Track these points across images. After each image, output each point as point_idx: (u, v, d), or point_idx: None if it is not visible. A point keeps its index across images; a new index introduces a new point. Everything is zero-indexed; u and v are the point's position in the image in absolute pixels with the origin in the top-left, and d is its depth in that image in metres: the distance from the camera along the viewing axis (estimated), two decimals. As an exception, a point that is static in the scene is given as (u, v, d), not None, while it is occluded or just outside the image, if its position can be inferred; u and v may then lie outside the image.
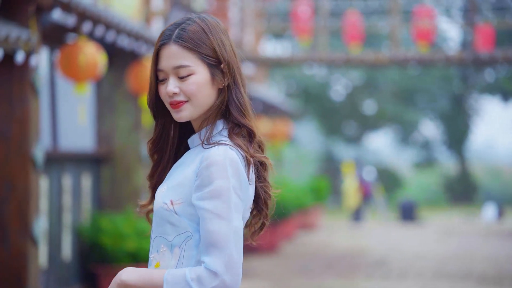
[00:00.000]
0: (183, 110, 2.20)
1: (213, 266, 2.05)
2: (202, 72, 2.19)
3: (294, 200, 14.42)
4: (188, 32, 2.19)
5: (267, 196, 2.31)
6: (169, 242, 2.16)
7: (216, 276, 2.05)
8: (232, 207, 2.11)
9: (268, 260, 12.27)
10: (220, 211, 2.09)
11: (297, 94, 29.22)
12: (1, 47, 5.83)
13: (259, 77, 17.81)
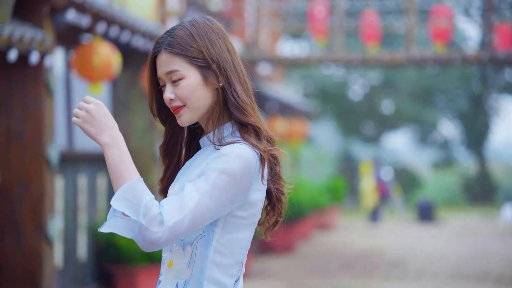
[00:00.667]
0: (182, 114, 2.22)
1: (167, 217, 2.05)
2: (192, 75, 2.21)
3: (310, 200, 14.40)
4: (176, 38, 2.22)
5: (280, 192, 2.30)
6: (181, 240, 2.18)
7: (161, 226, 2.04)
8: (216, 193, 2.11)
9: (284, 260, 12.26)
10: (204, 188, 2.10)
11: (315, 94, 29.18)
12: (16, 48, 5.86)
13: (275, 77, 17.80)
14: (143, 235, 2.03)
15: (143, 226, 2.03)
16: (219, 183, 2.11)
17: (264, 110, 15.86)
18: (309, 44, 27.08)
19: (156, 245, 2.05)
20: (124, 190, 2.07)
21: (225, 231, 2.19)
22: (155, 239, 2.03)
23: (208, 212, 2.11)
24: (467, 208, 25.88)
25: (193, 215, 2.07)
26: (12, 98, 6.30)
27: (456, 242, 15.30)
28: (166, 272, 2.22)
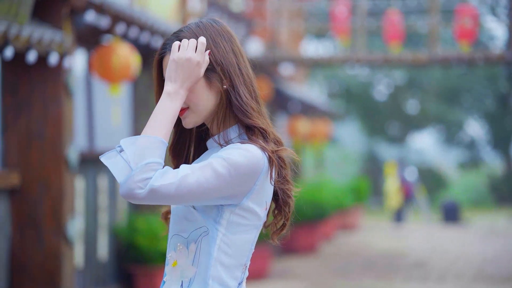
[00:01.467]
0: (186, 117, 2.22)
1: (155, 178, 2.03)
2: None
3: (333, 200, 14.36)
4: (181, 38, 2.22)
5: (286, 195, 2.28)
6: (185, 239, 2.18)
7: (147, 183, 2.02)
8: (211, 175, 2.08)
9: (307, 261, 12.23)
10: (199, 166, 2.08)
11: (339, 94, 29.10)
12: (35, 49, 5.89)
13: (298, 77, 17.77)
14: (128, 184, 2.02)
15: (133, 177, 2.02)
16: (218, 168, 2.08)
17: (287, 110, 15.83)
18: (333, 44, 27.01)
19: (134, 199, 2.03)
20: (147, 139, 2.06)
21: (229, 231, 2.17)
22: (135, 194, 2.02)
23: (197, 189, 2.06)
24: (494, 209, 25.66)
25: (180, 184, 2.04)
26: (32, 99, 6.34)
27: (481, 243, 15.17)
28: (171, 273, 2.21)
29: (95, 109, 8.29)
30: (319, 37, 27.61)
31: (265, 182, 2.18)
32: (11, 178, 6.23)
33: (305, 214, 12.69)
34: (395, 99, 29.04)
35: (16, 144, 6.37)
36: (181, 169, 2.06)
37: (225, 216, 2.17)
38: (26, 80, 6.34)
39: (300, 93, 15.96)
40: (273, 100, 14.50)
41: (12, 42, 5.60)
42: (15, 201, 6.30)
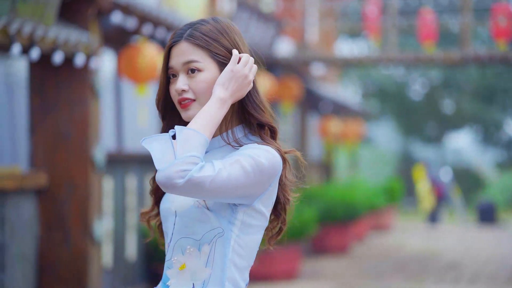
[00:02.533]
0: (190, 109, 2.18)
1: (207, 170, 2.03)
2: (211, 70, 2.18)
3: (365, 200, 14.27)
4: (200, 31, 2.19)
5: (286, 200, 2.28)
6: (197, 241, 2.14)
7: (186, 173, 2.02)
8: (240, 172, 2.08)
9: (338, 261, 12.17)
10: (229, 162, 2.08)
11: (374, 94, 28.94)
12: (61, 50, 5.93)
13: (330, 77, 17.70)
14: (169, 171, 2.01)
15: (175, 165, 2.01)
16: (246, 166, 2.08)
17: (318, 110, 15.77)
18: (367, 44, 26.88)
19: (171, 187, 2.02)
20: (195, 134, 2.05)
21: (242, 232, 2.16)
22: (174, 182, 2.01)
23: (227, 184, 2.06)
24: (530, 210, 25.33)
25: (215, 178, 2.04)
26: (59, 99, 6.38)
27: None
28: (176, 276, 2.17)
29: (123, 109, 8.33)
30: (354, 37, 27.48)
31: (276, 184, 2.18)
32: (38, 179, 6.28)
33: (336, 215, 12.63)
34: (431, 98, 28.79)
35: (43, 145, 6.41)
36: (215, 164, 2.05)
37: (238, 217, 2.16)
38: (53, 81, 6.38)
39: (332, 93, 15.90)
40: (304, 100, 14.46)
41: (38, 44, 5.64)
42: (43, 201, 6.35)
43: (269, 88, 10.05)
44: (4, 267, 5.90)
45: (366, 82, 29.03)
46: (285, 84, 11.24)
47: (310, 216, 10.31)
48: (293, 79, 11.51)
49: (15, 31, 5.38)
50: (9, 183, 5.89)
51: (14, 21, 5.43)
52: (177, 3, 8.87)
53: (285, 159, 2.19)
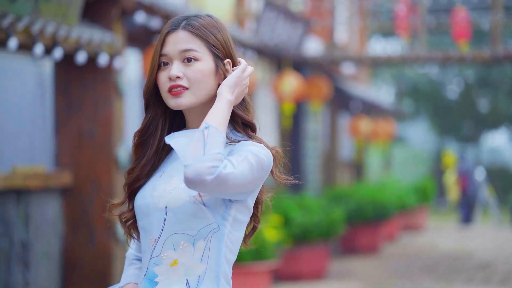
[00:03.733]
0: (182, 97, 2.18)
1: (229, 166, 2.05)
2: (207, 60, 2.20)
3: (396, 200, 14.17)
4: (198, 22, 2.22)
5: (261, 200, 2.30)
6: (191, 237, 2.14)
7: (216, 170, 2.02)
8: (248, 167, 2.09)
9: (368, 261, 12.11)
10: (239, 159, 2.09)
11: (408, 93, 28.74)
12: (85, 50, 5.97)
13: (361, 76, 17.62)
14: (198, 167, 2.01)
15: (204, 162, 2.01)
16: (253, 163, 2.10)
17: (349, 109, 15.71)
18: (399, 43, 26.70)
19: (201, 183, 2.02)
20: (218, 132, 2.06)
21: (233, 228, 2.18)
22: (204, 179, 2.00)
23: (241, 181, 2.08)
24: None
25: (236, 175, 2.06)
26: (84, 99, 6.42)
27: (549, 245, 14.79)
28: (166, 273, 2.16)
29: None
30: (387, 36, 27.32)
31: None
32: (63, 178, 6.33)
33: (366, 214, 12.56)
34: (466, 97, 28.51)
35: (68, 144, 6.46)
36: (232, 161, 2.07)
37: (231, 213, 2.17)
38: (77, 80, 6.43)
39: (362, 93, 15.83)
40: (334, 99, 14.41)
41: (61, 44, 5.69)
42: (67, 200, 6.40)
43: (297, 87, 10.04)
44: (29, 266, 5.96)
45: (400, 81, 28.85)
46: (314, 84, 11.21)
47: (338, 216, 10.27)
48: (322, 78, 11.47)
49: (38, 31, 5.43)
50: (34, 182, 5.95)
51: (37, 21, 5.47)
52: (204, 2, 8.89)
53: (275, 156, 2.21)
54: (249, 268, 7.90)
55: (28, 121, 6.70)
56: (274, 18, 9.55)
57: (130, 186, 2.27)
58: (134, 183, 2.26)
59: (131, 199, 2.28)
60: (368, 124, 15.62)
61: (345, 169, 16.02)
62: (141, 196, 2.23)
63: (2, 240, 5.68)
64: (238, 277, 7.94)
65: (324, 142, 14.09)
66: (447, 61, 11.10)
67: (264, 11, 9.41)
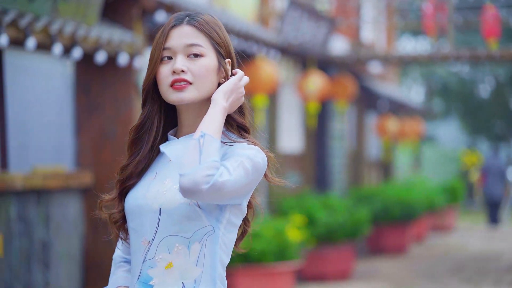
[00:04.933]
0: (185, 91, 2.15)
1: (225, 174, 2.03)
2: (212, 57, 2.18)
3: (424, 200, 14.04)
4: (202, 18, 2.21)
5: (251, 205, 2.27)
6: (186, 239, 2.11)
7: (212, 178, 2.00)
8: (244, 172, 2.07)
9: (394, 262, 12.01)
10: (235, 165, 2.06)
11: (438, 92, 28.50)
12: (104, 50, 5.96)
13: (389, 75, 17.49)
14: (195, 176, 1.98)
15: (200, 170, 1.99)
16: (248, 167, 2.07)
17: (376, 109, 15.60)
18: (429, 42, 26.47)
19: (197, 193, 1.99)
20: (213, 139, 2.03)
21: (227, 230, 2.15)
22: (200, 188, 1.98)
23: (236, 186, 2.06)
24: None
25: (233, 181, 2.04)
26: (104, 99, 6.42)
27: None
28: (162, 276, 2.13)
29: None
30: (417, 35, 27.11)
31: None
32: (83, 178, 6.32)
33: (393, 214, 12.45)
34: (498, 96, 28.18)
35: (89, 144, 6.46)
36: (228, 167, 2.04)
37: (225, 215, 2.14)
38: (98, 80, 6.43)
39: (390, 92, 15.71)
40: (361, 98, 14.31)
41: (80, 43, 5.68)
42: (88, 200, 6.39)
43: (322, 87, 9.97)
44: (49, 266, 5.96)
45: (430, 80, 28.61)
46: (339, 83, 11.13)
47: (364, 216, 10.19)
48: (348, 77, 11.39)
49: (56, 31, 5.43)
50: (54, 182, 5.95)
51: (55, 21, 5.47)
52: (228, 2, 8.85)
53: (270, 159, 2.20)
54: (272, 268, 7.86)
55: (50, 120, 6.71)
56: (298, 17, 9.49)
57: (122, 183, 2.23)
58: (127, 180, 2.23)
59: (121, 200, 2.24)
60: (396, 124, 15.49)
61: (372, 168, 15.90)
62: (132, 197, 2.20)
63: (23, 240, 5.69)
64: (261, 277, 7.90)
65: (350, 141, 14.00)
66: (474, 60, 10.96)
67: (288, 10, 9.36)
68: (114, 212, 2.27)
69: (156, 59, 2.18)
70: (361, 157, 14.53)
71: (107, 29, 6.12)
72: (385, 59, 11.68)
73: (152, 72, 2.19)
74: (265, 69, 8.23)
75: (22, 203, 5.70)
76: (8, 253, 5.50)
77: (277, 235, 7.93)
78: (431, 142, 29.53)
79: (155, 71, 2.18)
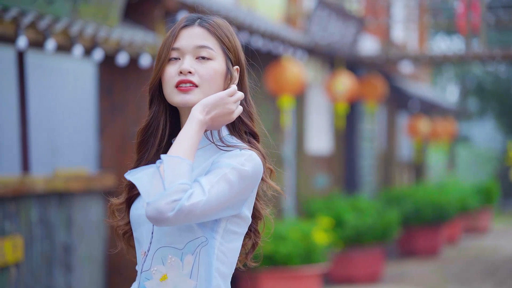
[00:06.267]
0: (191, 94, 2.07)
1: (196, 195, 1.93)
2: (221, 61, 2.11)
3: (457, 202, 13.83)
4: (215, 21, 2.16)
5: (261, 215, 2.19)
6: (179, 250, 2.04)
7: (176, 203, 1.91)
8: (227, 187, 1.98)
9: (425, 265, 11.83)
10: (216, 179, 1.98)
11: (473, 91, 28.16)
12: (126, 51, 5.91)
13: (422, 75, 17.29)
14: (159, 204, 1.90)
15: (165, 197, 1.90)
16: (231, 179, 1.98)
17: (407, 109, 15.42)
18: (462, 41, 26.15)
19: (162, 221, 1.91)
20: (181, 161, 1.95)
21: (225, 240, 2.06)
22: (164, 216, 1.90)
23: (217, 203, 1.96)
24: None
25: (207, 201, 1.94)
26: (127, 101, 6.37)
27: None
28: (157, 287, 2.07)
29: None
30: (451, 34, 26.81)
31: (256, 189, 2.09)
32: (106, 180, 6.28)
33: (424, 216, 12.28)
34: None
35: (111, 146, 6.42)
36: (203, 185, 1.96)
37: (221, 224, 2.06)
38: (120, 81, 6.38)
39: (422, 92, 15.52)
40: (392, 99, 14.15)
41: (101, 45, 5.64)
42: (111, 202, 6.34)
43: (350, 87, 9.85)
44: (71, 269, 5.93)
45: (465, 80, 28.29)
46: (368, 83, 10.99)
47: (393, 218, 10.04)
48: (378, 78, 11.24)
49: (77, 33, 5.38)
50: (77, 185, 5.92)
51: (76, 23, 5.43)
52: (255, 2, 8.77)
53: (267, 167, 2.12)
54: (298, 271, 7.77)
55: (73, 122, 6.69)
56: (326, 16, 9.38)
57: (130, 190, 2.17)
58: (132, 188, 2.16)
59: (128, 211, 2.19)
60: (427, 124, 15.30)
61: (404, 169, 15.72)
62: (135, 206, 2.15)
63: (44, 243, 5.66)
64: (287, 280, 7.81)
65: (381, 142, 13.84)
66: (507, 59, 10.76)
67: (316, 10, 9.25)
68: (120, 224, 2.21)
69: (164, 59, 2.11)
70: (392, 158, 14.37)
71: (129, 30, 6.07)
72: (416, 59, 11.52)
73: (159, 72, 2.12)
74: (291, 70, 8.13)
75: (43, 206, 5.67)
76: (29, 256, 5.47)
77: (303, 238, 7.83)
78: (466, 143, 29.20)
79: (162, 71, 2.11)
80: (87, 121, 6.65)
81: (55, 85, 6.63)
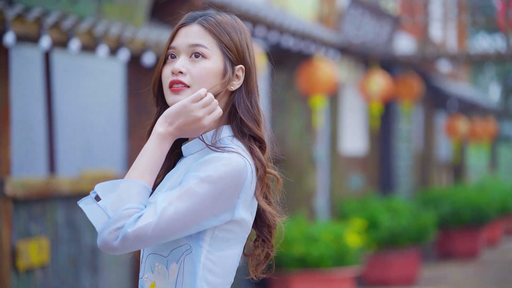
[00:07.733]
0: (182, 94, 1.97)
1: (146, 217, 1.83)
2: (216, 61, 2.00)
3: (497, 203, 13.57)
4: (215, 19, 2.06)
5: (274, 224, 2.05)
6: (164, 258, 1.96)
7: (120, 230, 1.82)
8: (192, 201, 1.87)
9: (464, 267, 11.62)
10: (176, 194, 1.87)
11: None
12: (152, 51, 5.85)
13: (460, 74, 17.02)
14: (104, 234, 1.83)
15: (109, 226, 1.83)
16: (197, 190, 1.87)
17: (446, 108, 15.19)
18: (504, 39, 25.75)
19: (110, 250, 1.84)
20: (129, 184, 1.86)
21: (214, 248, 1.95)
22: (110, 246, 1.82)
23: (178, 221, 1.85)
24: None
25: (159, 222, 1.83)
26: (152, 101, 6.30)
27: None
28: None
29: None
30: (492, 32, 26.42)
31: (249, 195, 1.96)
32: (133, 181, 6.22)
33: (463, 218, 12.06)
34: None
35: (138, 147, 6.35)
36: (158, 203, 1.86)
37: (208, 232, 1.95)
38: (147, 81, 6.28)
39: (461, 91, 15.27)
40: (429, 98, 13.94)
41: (126, 45, 5.58)
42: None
43: (385, 87, 9.69)
44: (98, 271, 5.88)
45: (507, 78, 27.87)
46: (404, 83, 10.82)
47: (429, 220, 9.86)
48: (414, 77, 11.06)
49: (102, 33, 5.33)
50: (103, 186, 5.86)
51: (100, 23, 5.38)
52: (287, 2, 8.67)
53: (262, 177, 1.97)
54: (330, 274, 7.65)
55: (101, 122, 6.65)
56: (360, 15, 9.24)
57: None
58: None
59: None
60: (466, 124, 15.04)
61: (442, 170, 15.48)
62: None
63: (71, 245, 5.62)
64: (319, 283, 7.70)
65: (418, 142, 13.63)
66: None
67: (349, 9, 9.11)
68: None
69: (162, 58, 2.04)
70: (429, 158, 14.15)
71: (155, 30, 6.01)
72: (453, 57, 11.31)
73: (157, 72, 2.05)
74: (323, 69, 8.01)
75: (69, 208, 5.63)
76: (55, 258, 5.43)
77: (335, 240, 7.71)
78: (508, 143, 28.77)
79: (159, 71, 2.04)
80: (115, 122, 6.61)
81: (83, 85, 6.60)
